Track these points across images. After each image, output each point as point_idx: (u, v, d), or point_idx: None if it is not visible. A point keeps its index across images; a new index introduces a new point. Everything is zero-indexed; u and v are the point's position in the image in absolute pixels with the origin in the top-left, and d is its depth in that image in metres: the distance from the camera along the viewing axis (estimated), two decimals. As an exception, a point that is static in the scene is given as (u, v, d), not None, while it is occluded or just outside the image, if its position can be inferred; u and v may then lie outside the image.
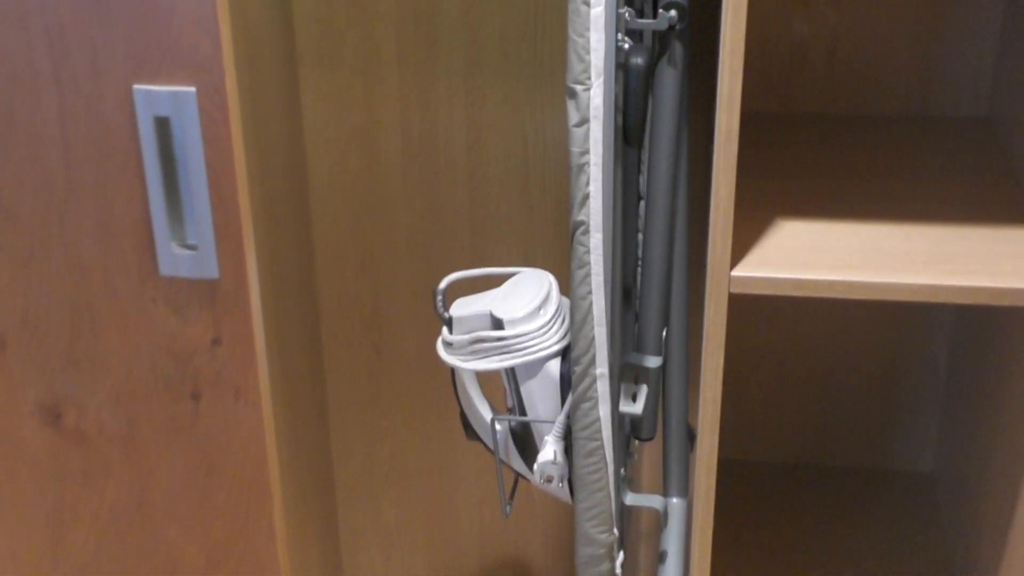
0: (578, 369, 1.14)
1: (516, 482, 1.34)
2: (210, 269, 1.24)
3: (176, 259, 1.25)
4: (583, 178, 1.06)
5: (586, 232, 1.08)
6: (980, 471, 1.32)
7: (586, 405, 1.15)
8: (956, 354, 1.49)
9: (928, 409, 1.56)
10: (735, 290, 1.06)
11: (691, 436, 1.31)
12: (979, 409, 1.34)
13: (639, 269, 1.21)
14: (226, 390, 1.30)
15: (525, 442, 1.25)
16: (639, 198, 1.20)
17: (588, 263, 1.10)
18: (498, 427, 1.25)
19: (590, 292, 1.11)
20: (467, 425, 1.30)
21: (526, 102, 1.46)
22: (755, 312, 1.53)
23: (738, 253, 1.08)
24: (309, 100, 1.50)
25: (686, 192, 1.20)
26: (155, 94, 1.18)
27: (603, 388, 1.15)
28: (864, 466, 1.60)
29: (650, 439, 1.27)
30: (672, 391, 1.28)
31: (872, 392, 1.56)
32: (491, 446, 1.27)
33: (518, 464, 1.28)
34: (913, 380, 1.54)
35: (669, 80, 1.11)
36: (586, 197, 1.07)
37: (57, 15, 1.16)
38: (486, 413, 1.26)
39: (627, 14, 1.06)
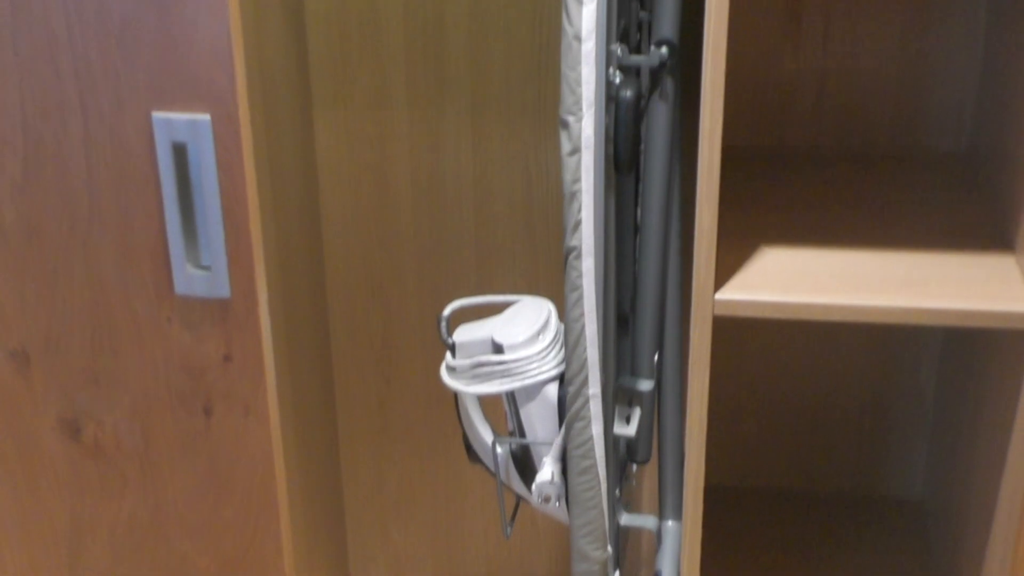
0: (571, 389, 1.16)
1: (517, 505, 1.35)
2: (222, 289, 1.27)
3: (191, 279, 1.27)
4: (575, 205, 1.10)
5: (578, 257, 1.11)
6: (969, 498, 1.32)
7: (579, 424, 1.18)
8: (944, 382, 1.49)
9: (917, 436, 1.56)
10: (719, 312, 1.09)
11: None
12: (967, 436, 1.35)
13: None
14: (236, 405, 1.32)
15: (525, 464, 1.28)
16: (636, 229, 1.22)
17: (580, 286, 1.12)
18: (499, 450, 1.28)
19: (582, 314, 1.13)
20: (469, 448, 1.32)
21: (530, 139, 1.49)
22: (748, 340, 1.55)
23: (723, 277, 1.12)
24: (323, 135, 1.53)
25: (679, 221, 1.22)
26: (173, 121, 1.21)
27: (596, 408, 1.17)
28: (855, 493, 1.60)
29: (645, 462, 1.29)
30: (667, 415, 1.30)
31: (863, 419, 1.57)
32: (492, 468, 1.29)
33: (518, 486, 1.30)
34: (902, 408, 1.55)
35: (661, 114, 1.14)
36: (578, 223, 1.10)
37: (84, 48, 1.20)
38: (487, 436, 1.29)
39: (619, 50, 1.10)
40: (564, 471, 1.23)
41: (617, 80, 1.10)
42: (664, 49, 1.11)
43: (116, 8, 1.19)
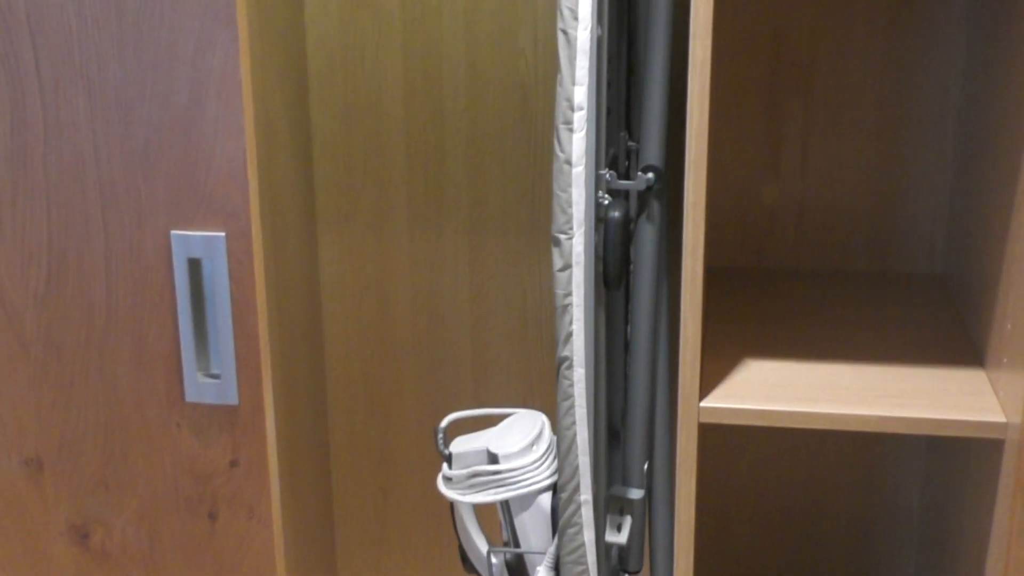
0: (564, 496, 1.19)
1: (512, 616, 1.36)
2: (230, 396, 1.30)
3: (201, 387, 1.30)
4: (567, 318, 1.14)
5: (570, 367, 1.15)
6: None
7: (572, 531, 1.20)
8: (928, 492, 1.51)
9: (905, 545, 1.57)
10: (704, 420, 1.13)
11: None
12: (951, 544, 1.35)
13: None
14: (241, 510, 1.34)
15: (519, 574, 1.29)
16: (626, 346, 1.26)
17: (572, 395, 1.16)
18: (494, 560, 1.29)
19: (574, 423, 1.17)
20: (465, 558, 1.34)
21: (524, 257, 1.54)
22: (736, 453, 1.57)
23: (708, 387, 1.15)
24: (327, 252, 1.57)
25: (668, 336, 1.26)
26: (190, 238, 1.26)
27: (587, 514, 1.19)
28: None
29: (637, 572, 1.29)
30: (658, 524, 1.32)
31: (851, 528, 1.58)
32: (487, 579, 1.31)
33: (513, 597, 1.32)
34: (890, 516, 1.56)
35: (648, 234, 1.19)
36: (570, 335, 1.15)
37: (109, 169, 1.26)
38: (483, 546, 1.31)
39: (608, 175, 1.15)
40: (557, 579, 1.24)
41: (606, 202, 1.15)
42: (650, 175, 1.16)
43: (140, 131, 1.24)
